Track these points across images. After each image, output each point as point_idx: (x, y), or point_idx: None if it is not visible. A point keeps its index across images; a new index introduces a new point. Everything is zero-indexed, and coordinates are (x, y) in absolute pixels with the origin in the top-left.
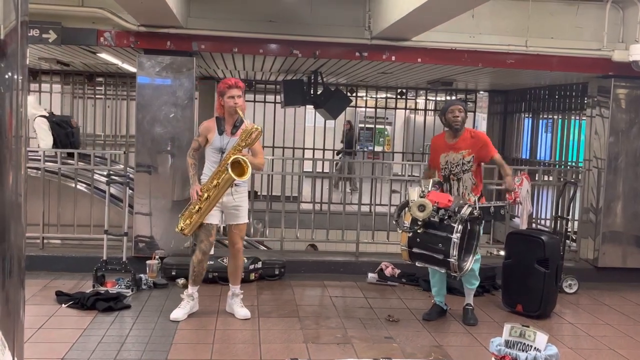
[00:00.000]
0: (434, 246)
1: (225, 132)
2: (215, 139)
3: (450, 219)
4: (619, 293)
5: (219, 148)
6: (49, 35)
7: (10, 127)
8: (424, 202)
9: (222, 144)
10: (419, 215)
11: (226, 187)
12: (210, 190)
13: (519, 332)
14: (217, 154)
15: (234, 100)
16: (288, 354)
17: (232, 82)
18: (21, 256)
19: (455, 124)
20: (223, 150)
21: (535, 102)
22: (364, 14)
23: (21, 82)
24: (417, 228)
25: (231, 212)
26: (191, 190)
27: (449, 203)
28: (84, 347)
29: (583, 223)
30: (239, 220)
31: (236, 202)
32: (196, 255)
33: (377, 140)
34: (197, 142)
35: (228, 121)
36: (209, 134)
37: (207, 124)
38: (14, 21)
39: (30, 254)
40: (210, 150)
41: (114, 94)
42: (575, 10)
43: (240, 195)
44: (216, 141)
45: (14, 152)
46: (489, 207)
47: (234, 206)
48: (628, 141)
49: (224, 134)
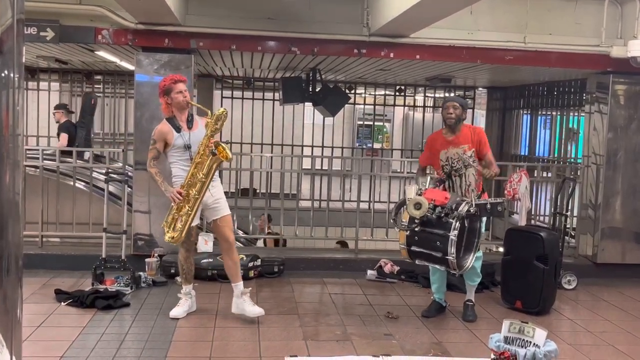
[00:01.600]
0: (432, 244)
1: (182, 128)
2: (176, 139)
3: (447, 216)
4: (618, 289)
5: (183, 145)
6: (46, 33)
7: (6, 125)
8: (420, 200)
9: (185, 140)
10: (415, 214)
11: (212, 173)
12: (194, 186)
13: (518, 328)
14: (184, 152)
15: (184, 94)
16: (287, 351)
17: (176, 78)
18: (19, 254)
19: (449, 120)
20: (188, 145)
21: (533, 99)
22: (362, 10)
23: (17, 80)
24: (415, 226)
25: (212, 207)
26: (169, 194)
27: (446, 200)
28: (83, 345)
29: (582, 219)
30: (222, 212)
31: (214, 196)
32: (181, 253)
33: (376, 138)
34: (154, 150)
35: (180, 118)
36: (167, 136)
37: (160, 128)
38: (10, 19)
39: (29, 252)
40: (175, 152)
41: (112, 92)
42: (573, 7)
43: (216, 189)
44: (178, 140)
45: (11, 150)
46: (485, 204)
47: (213, 201)
48: (627, 137)
49: (182, 130)
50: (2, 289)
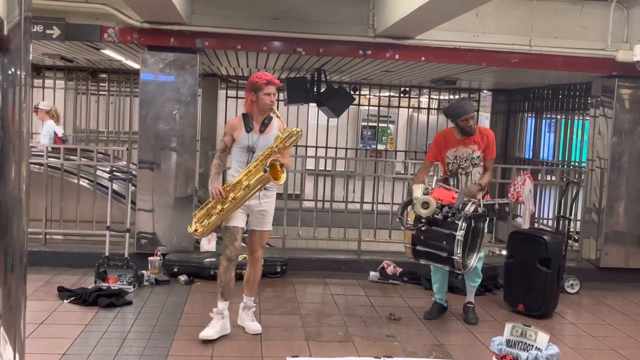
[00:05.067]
0: (437, 244)
1: (253, 130)
2: (243, 137)
3: (454, 216)
4: (621, 293)
5: (246, 147)
6: (52, 31)
7: (13, 123)
8: (428, 200)
9: (250, 142)
10: (423, 213)
11: (257, 189)
12: (237, 190)
13: (520, 332)
14: (245, 154)
15: (271, 98)
16: (289, 351)
17: (270, 78)
18: (23, 251)
19: (470, 131)
20: (252, 149)
21: (538, 102)
22: (368, 12)
23: (24, 78)
24: (421, 226)
25: (256, 217)
26: (212, 188)
27: (453, 200)
28: (86, 342)
29: (585, 223)
30: (264, 226)
31: (262, 207)
32: (221, 264)
33: (380, 139)
34: (222, 142)
35: (257, 119)
36: (235, 132)
37: (233, 122)
38: (18, 17)
39: (33, 249)
40: (237, 150)
41: (118, 90)
42: (579, 10)
43: (268, 200)
44: (243, 139)
45: (17, 148)
46: (493, 204)
47: (260, 211)
48: (631, 141)
49: (252, 131)
50: (7, 286)
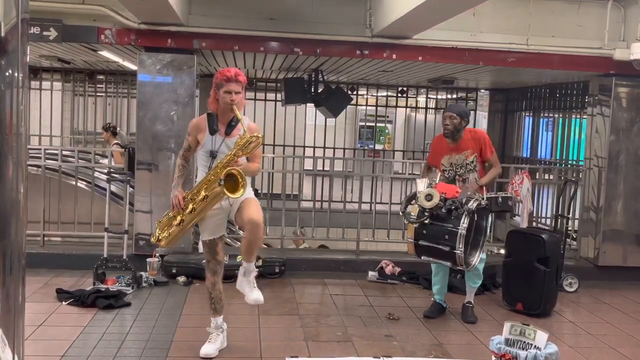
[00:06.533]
0: (440, 238)
1: (218, 132)
2: (207, 140)
3: (457, 210)
4: (619, 292)
5: (209, 151)
6: (49, 32)
7: (10, 125)
8: (432, 192)
9: (213, 146)
10: (427, 205)
11: (215, 202)
12: (196, 202)
13: (519, 331)
14: (208, 158)
15: (231, 97)
16: (288, 351)
17: (232, 74)
18: (21, 253)
19: (445, 132)
20: (214, 153)
21: (536, 101)
22: (365, 12)
23: (22, 80)
24: (425, 218)
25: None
26: (172, 196)
27: (457, 194)
28: (84, 344)
29: (583, 221)
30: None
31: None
32: (207, 279)
33: (378, 139)
34: (186, 141)
35: (222, 119)
36: (199, 134)
37: (197, 121)
38: (15, 18)
39: (31, 251)
40: (201, 153)
41: (115, 91)
42: (576, 9)
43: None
44: (207, 142)
45: (15, 150)
46: (496, 198)
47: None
48: (629, 140)
49: (216, 134)
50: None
